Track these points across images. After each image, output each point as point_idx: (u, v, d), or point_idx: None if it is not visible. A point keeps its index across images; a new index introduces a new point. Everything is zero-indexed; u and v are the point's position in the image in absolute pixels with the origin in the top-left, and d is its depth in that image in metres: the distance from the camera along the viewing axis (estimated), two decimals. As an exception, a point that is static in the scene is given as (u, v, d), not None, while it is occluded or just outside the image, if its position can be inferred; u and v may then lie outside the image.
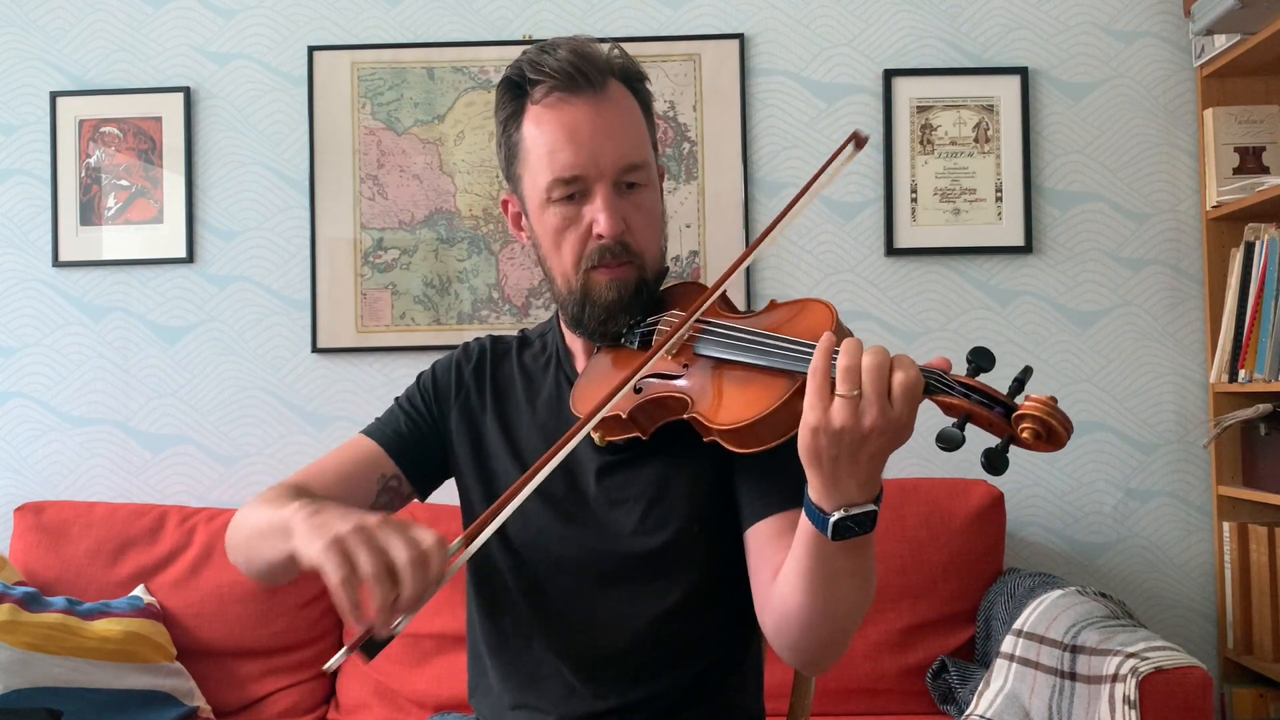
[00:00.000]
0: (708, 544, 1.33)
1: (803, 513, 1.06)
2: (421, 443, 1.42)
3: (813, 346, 1.04)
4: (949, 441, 0.97)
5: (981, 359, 1.01)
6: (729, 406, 1.15)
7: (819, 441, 1.00)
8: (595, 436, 1.28)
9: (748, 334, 1.18)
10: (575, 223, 1.29)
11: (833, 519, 1.02)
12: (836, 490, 1.01)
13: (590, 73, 1.28)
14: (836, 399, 0.99)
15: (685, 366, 1.23)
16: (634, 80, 1.34)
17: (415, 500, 1.46)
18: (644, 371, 1.19)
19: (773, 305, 1.26)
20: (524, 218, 1.37)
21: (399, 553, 1.01)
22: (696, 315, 1.22)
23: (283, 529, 1.13)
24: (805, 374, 1.03)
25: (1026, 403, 0.97)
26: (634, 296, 1.31)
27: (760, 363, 1.15)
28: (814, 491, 1.03)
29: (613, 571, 1.34)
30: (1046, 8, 2.79)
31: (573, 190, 1.28)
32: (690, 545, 1.33)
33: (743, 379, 1.16)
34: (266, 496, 1.27)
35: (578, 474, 1.36)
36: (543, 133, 1.29)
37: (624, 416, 1.24)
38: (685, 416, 1.20)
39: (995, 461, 0.97)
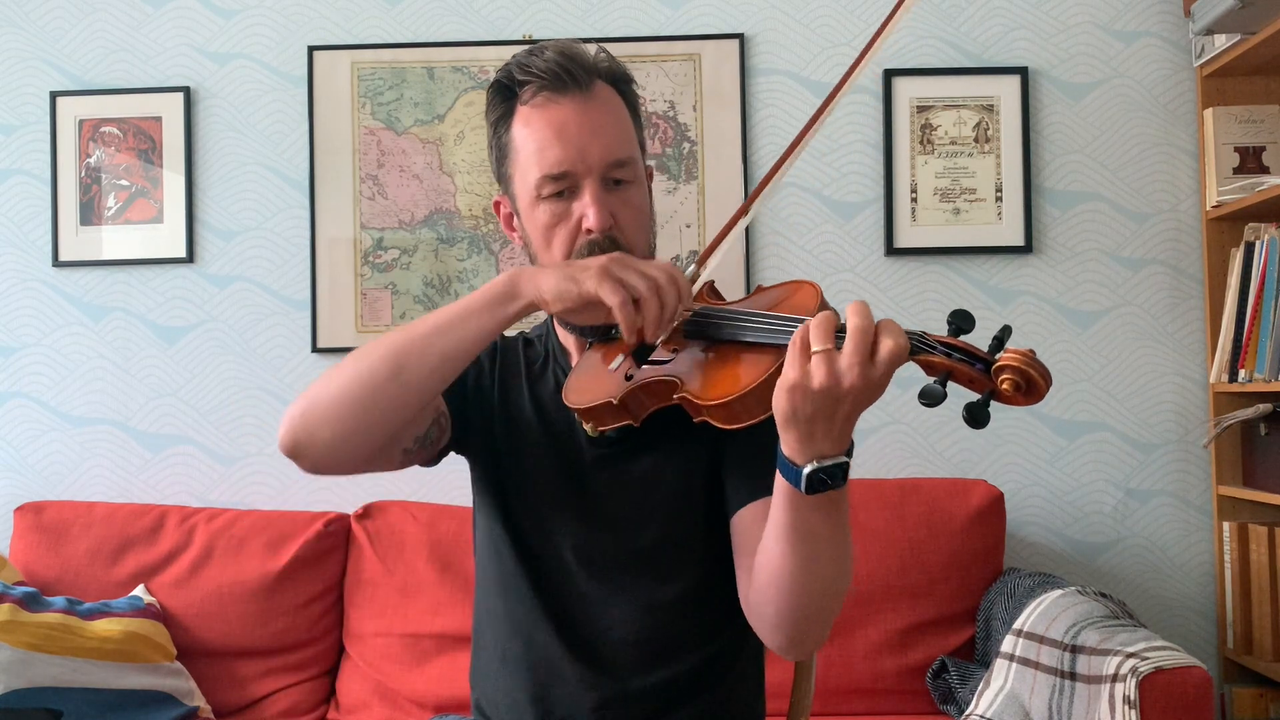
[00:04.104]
0: (703, 534, 1.35)
1: (777, 471, 1.08)
2: (466, 404, 1.42)
3: (800, 321, 1.05)
4: (931, 397, 0.98)
5: (962, 320, 1.02)
6: (717, 383, 1.17)
7: (795, 399, 1.01)
8: (588, 428, 1.30)
9: (736, 314, 1.20)
10: (565, 219, 1.32)
11: (806, 470, 1.03)
12: (810, 446, 1.03)
13: (577, 73, 1.31)
14: (814, 356, 1.00)
15: (674, 351, 1.25)
16: (620, 82, 1.37)
17: (428, 461, 1.42)
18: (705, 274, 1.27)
19: (759, 289, 1.28)
20: (515, 218, 1.39)
21: (657, 274, 1.17)
22: (704, 262, 1.28)
23: (501, 296, 1.22)
24: None
25: (1005, 355, 0.98)
26: None
27: (748, 339, 1.17)
28: (787, 447, 1.05)
29: (610, 563, 1.35)
30: (1046, 8, 2.79)
31: (561, 186, 1.31)
32: (685, 536, 1.35)
33: (731, 357, 1.18)
34: (376, 342, 1.27)
35: (575, 468, 1.38)
36: (531, 132, 1.32)
37: (615, 403, 1.25)
38: (675, 397, 1.21)
39: (977, 415, 0.97)
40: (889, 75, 2.77)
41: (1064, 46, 2.79)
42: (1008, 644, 2.12)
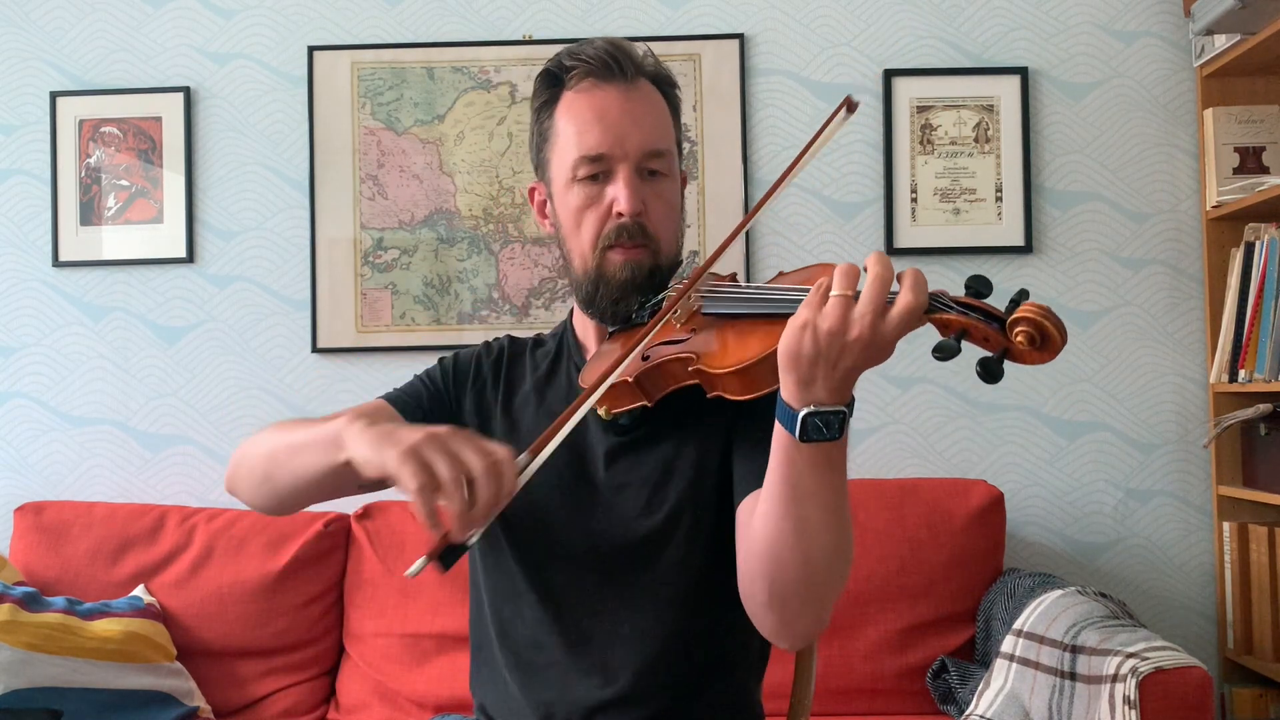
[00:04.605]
0: (711, 529, 1.34)
1: (775, 423, 1.07)
2: (437, 418, 1.43)
3: None
4: (945, 351, 0.98)
5: (980, 284, 1.02)
6: (733, 351, 1.17)
7: (802, 338, 1.01)
8: (601, 411, 1.31)
9: (754, 290, 1.22)
10: (597, 202, 1.35)
11: (801, 414, 1.03)
12: (808, 391, 1.03)
13: (625, 63, 1.35)
14: (831, 299, 1.01)
15: (692, 331, 1.25)
16: (664, 84, 1.41)
17: None
18: (656, 332, 1.22)
19: (781, 275, 1.29)
20: (549, 203, 1.42)
21: (474, 461, 1.04)
22: (707, 266, 1.27)
23: (332, 441, 1.17)
24: None
25: (1020, 309, 0.98)
26: (647, 279, 1.35)
27: (767, 312, 1.17)
28: (785, 391, 1.05)
29: (617, 556, 1.35)
30: (1046, 8, 2.80)
31: (596, 170, 1.34)
32: (694, 530, 1.34)
33: (747, 330, 1.18)
34: (286, 423, 1.30)
35: (587, 458, 1.38)
36: (573, 115, 1.35)
37: (630, 381, 1.26)
38: (690, 370, 1.21)
39: (991, 369, 0.98)
40: (889, 75, 2.77)
41: (1064, 46, 2.79)
42: (1008, 644, 2.11)
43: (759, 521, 1.15)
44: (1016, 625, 2.13)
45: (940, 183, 2.77)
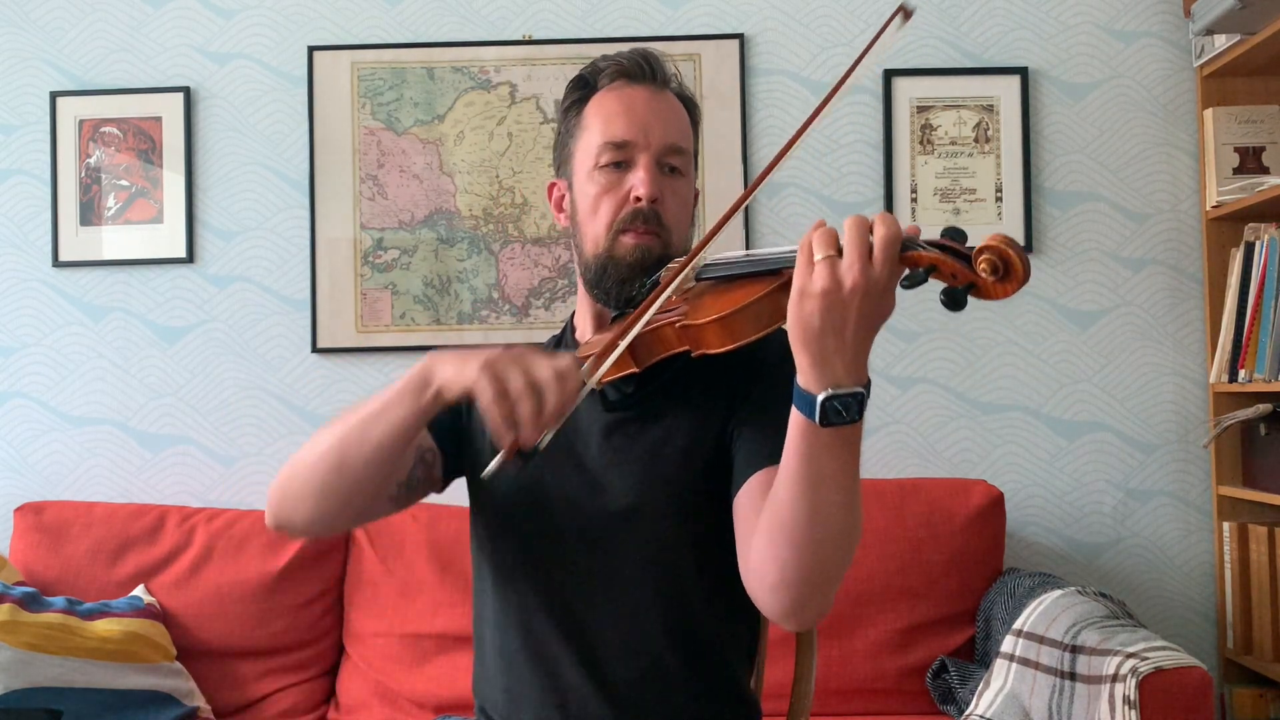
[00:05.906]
0: (701, 511, 1.34)
1: (793, 409, 1.08)
2: (456, 428, 1.47)
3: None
4: (912, 280, 1.05)
5: (954, 234, 1.07)
6: (716, 305, 1.21)
7: (805, 308, 1.03)
8: (593, 380, 1.33)
9: (740, 257, 1.27)
10: (616, 188, 1.40)
11: (820, 398, 1.04)
12: (825, 367, 1.04)
13: (656, 68, 1.44)
14: (818, 262, 1.03)
15: (686, 300, 1.29)
16: (689, 104, 1.50)
17: (434, 492, 1.47)
18: (658, 305, 1.25)
19: None
20: (567, 197, 1.46)
21: (542, 370, 1.14)
22: (718, 228, 1.29)
23: (417, 379, 1.24)
24: (791, 269, 1.08)
25: (984, 240, 1.03)
26: (655, 266, 1.38)
27: (750, 270, 1.22)
28: (803, 376, 1.06)
29: (607, 536, 1.35)
30: (1046, 8, 2.80)
31: (619, 157, 1.40)
32: (682, 510, 1.34)
33: (734, 286, 1.23)
34: (334, 421, 1.34)
35: (578, 436, 1.38)
36: (601, 109, 1.42)
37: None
38: (677, 330, 1.24)
39: (956, 297, 1.03)
40: (889, 75, 2.77)
41: (1064, 46, 2.79)
42: (1008, 644, 2.12)
43: (771, 507, 1.15)
44: (1016, 625, 2.13)
45: (940, 183, 2.77)
